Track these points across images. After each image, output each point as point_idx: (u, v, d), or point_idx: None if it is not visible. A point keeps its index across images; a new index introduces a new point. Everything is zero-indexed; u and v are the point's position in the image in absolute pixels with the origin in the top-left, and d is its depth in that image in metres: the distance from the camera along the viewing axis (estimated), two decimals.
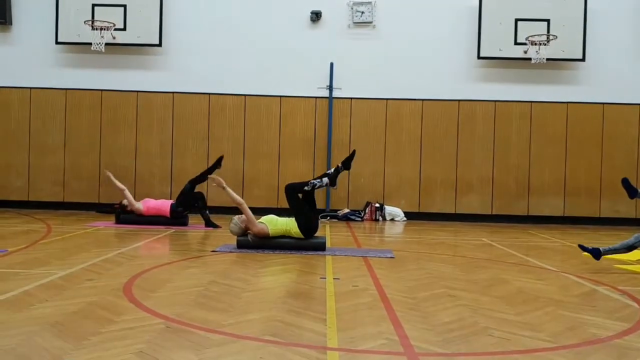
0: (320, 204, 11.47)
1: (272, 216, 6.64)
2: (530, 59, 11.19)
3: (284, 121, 11.61)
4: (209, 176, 6.73)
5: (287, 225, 6.50)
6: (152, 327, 3.30)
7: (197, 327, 3.34)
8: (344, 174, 6.94)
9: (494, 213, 11.57)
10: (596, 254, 5.69)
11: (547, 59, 11.14)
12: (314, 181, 6.62)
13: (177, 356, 2.85)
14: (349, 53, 11.58)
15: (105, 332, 3.19)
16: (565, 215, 11.52)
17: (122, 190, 9.13)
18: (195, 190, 9.18)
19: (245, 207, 6.42)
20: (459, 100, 11.58)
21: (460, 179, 11.59)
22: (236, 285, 4.54)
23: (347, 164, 6.78)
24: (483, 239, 8.59)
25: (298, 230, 6.47)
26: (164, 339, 3.11)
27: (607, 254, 5.71)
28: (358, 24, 11.62)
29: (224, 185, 6.60)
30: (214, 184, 6.68)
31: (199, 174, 9.47)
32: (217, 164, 9.19)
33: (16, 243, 6.60)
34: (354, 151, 6.86)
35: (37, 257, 5.70)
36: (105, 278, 4.71)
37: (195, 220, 9.41)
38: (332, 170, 6.75)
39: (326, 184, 6.64)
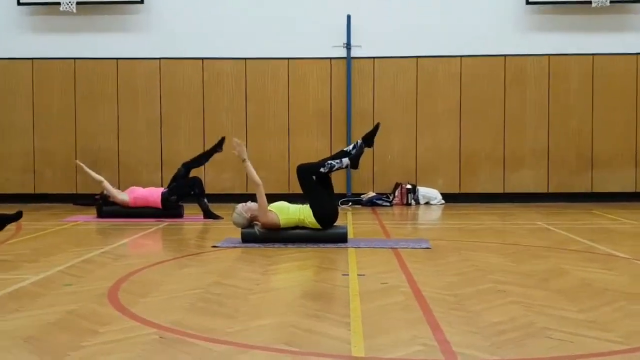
0: (340, 187, 11.47)
1: (282, 203, 6.65)
2: (590, 1, 11.01)
3: (294, 89, 11.58)
4: (235, 139, 6.67)
5: (301, 213, 6.50)
6: (143, 339, 3.33)
7: (197, 336, 3.37)
8: (366, 150, 6.92)
9: (550, 191, 11.49)
10: None
11: (611, 1, 10.95)
12: (332, 161, 6.59)
13: None
14: (370, 2, 11.47)
15: (88, 346, 3.22)
16: (637, 191, 11.40)
17: (100, 182, 9.21)
18: (191, 175, 9.22)
19: (262, 190, 6.42)
20: (505, 56, 11.45)
21: (509, 151, 11.50)
22: (242, 286, 4.57)
23: (368, 140, 6.71)
24: (538, 223, 8.54)
25: (314, 220, 6.47)
26: (157, 352, 3.14)
27: None
28: None
29: (245, 157, 6.58)
30: (235, 152, 6.63)
31: (196, 156, 9.53)
32: (218, 146, 9.25)
33: None
34: (377, 125, 6.78)
35: (4, 259, 5.77)
36: (87, 282, 4.76)
37: (191, 210, 9.46)
38: (352, 147, 6.68)
39: (346, 165, 6.61)
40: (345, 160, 6.60)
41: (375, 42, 11.48)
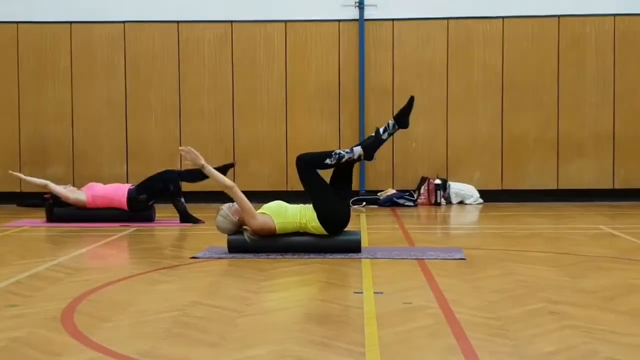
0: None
1: (279, 203, 6.65)
2: None
3: (293, 60, 11.56)
4: (181, 148, 6.69)
5: (302, 216, 6.50)
6: None
7: None
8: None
9: (616, 187, 11.47)
10: None
11: None
12: (340, 151, 6.59)
13: None
14: None
15: None
16: None
17: (45, 186, 9.21)
18: (166, 169, 9.26)
19: (238, 192, 6.42)
20: (559, 16, 11.42)
21: (565, 136, 11.48)
22: (229, 307, 4.58)
23: (402, 118, 6.66)
24: (601, 227, 8.53)
25: (318, 224, 6.47)
26: None
27: None
28: None
29: (203, 162, 6.58)
30: (187, 162, 6.67)
31: (192, 169, 9.48)
32: (221, 170, 9.14)
33: None
34: (411, 99, 6.72)
35: None
36: (36, 302, 4.77)
37: (165, 213, 9.46)
38: (382, 130, 6.61)
39: (359, 156, 6.60)
40: (358, 150, 6.58)
41: (395, 0, 11.45)
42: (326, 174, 6.61)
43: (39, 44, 11.62)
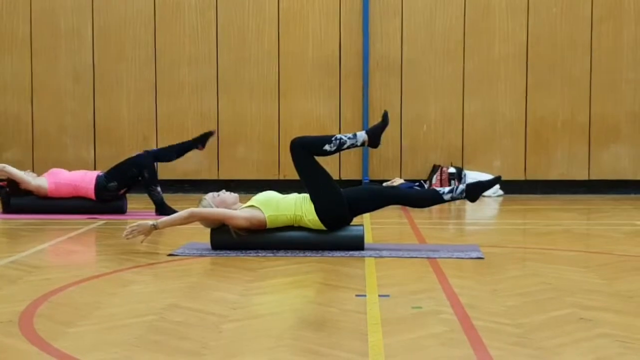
0: (353, 171, 11.47)
1: (270, 194, 6.65)
2: None
3: (286, 28, 11.54)
4: (123, 235, 6.64)
5: (298, 207, 6.51)
6: None
7: None
8: (392, 118, 6.95)
9: None
10: None
11: None
12: (342, 136, 6.63)
13: None
14: None
15: None
16: None
17: (1, 169, 9.12)
18: (140, 153, 9.25)
19: (201, 211, 6.45)
20: None
21: (597, 118, 11.47)
22: (213, 311, 4.58)
23: (475, 193, 6.68)
24: (638, 223, 8.53)
25: (315, 217, 6.48)
26: None
27: None
28: None
29: (150, 222, 6.55)
30: (141, 240, 6.64)
31: (166, 146, 9.53)
32: (200, 142, 9.15)
33: None
34: (497, 179, 6.82)
35: None
36: None
37: (138, 204, 9.45)
38: (447, 190, 6.67)
39: (362, 143, 6.65)
40: (362, 135, 6.64)
41: None
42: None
43: None
